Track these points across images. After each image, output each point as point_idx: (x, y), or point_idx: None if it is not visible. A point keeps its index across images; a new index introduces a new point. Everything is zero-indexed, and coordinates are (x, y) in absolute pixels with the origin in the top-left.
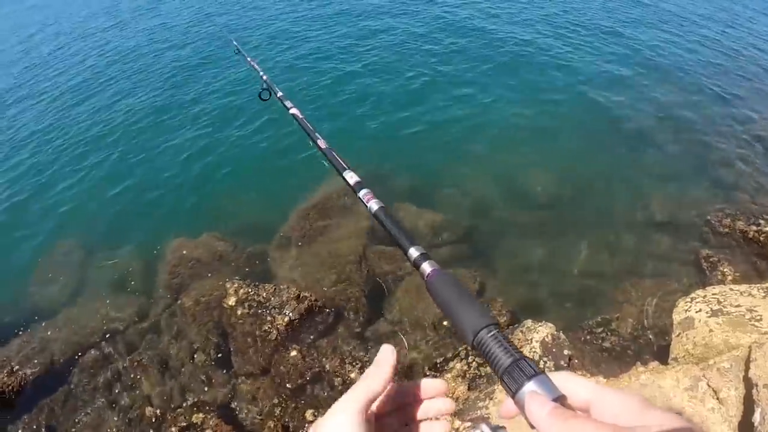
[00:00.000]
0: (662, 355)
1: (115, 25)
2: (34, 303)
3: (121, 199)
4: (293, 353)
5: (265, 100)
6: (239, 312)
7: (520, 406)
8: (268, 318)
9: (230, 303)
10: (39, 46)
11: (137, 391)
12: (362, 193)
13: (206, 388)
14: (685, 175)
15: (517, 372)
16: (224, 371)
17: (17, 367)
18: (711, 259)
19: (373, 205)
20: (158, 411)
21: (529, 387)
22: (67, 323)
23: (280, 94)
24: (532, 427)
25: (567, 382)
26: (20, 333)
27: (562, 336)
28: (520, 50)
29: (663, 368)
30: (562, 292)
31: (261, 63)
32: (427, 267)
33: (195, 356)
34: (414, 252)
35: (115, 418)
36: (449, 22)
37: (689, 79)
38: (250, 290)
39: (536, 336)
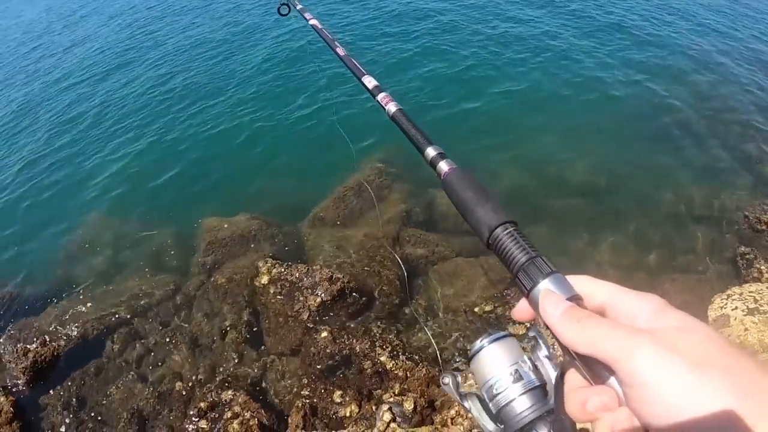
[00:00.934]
0: None
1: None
2: (68, 275)
3: (158, 175)
4: (324, 334)
5: (285, 15)
6: (271, 291)
7: (534, 305)
8: (300, 298)
9: (263, 282)
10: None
11: (168, 366)
12: (380, 96)
13: (236, 366)
14: (724, 168)
15: (533, 269)
16: (255, 349)
17: (50, 338)
18: (747, 257)
19: (391, 107)
20: (188, 386)
21: (545, 285)
22: (100, 296)
23: (299, 6)
24: (547, 327)
25: (584, 284)
26: (54, 304)
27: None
28: (559, 38)
29: None
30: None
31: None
32: (444, 165)
33: (226, 334)
34: (431, 151)
35: (145, 392)
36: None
37: (733, 71)
38: (282, 270)
39: None
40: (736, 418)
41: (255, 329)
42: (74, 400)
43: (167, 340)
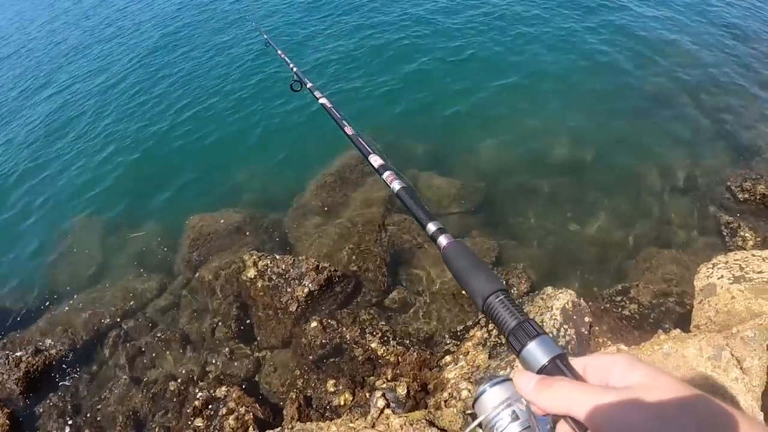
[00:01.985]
0: (684, 323)
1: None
2: (55, 281)
3: (139, 175)
4: (313, 324)
5: (297, 90)
6: (259, 284)
7: (524, 364)
8: (288, 290)
9: (249, 275)
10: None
11: (160, 367)
12: (386, 174)
13: (228, 362)
14: (704, 139)
15: (521, 333)
16: (246, 344)
17: (42, 346)
18: (731, 225)
19: (396, 185)
20: (182, 385)
21: (532, 346)
22: (89, 301)
23: (309, 85)
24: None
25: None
26: (42, 312)
27: (583, 303)
28: (535, 14)
29: (685, 336)
30: (581, 260)
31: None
32: (443, 239)
33: (216, 330)
34: (432, 227)
35: (140, 395)
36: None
37: (710, 40)
38: (269, 262)
39: (557, 303)
40: None
41: (245, 323)
42: (69, 407)
43: (158, 340)
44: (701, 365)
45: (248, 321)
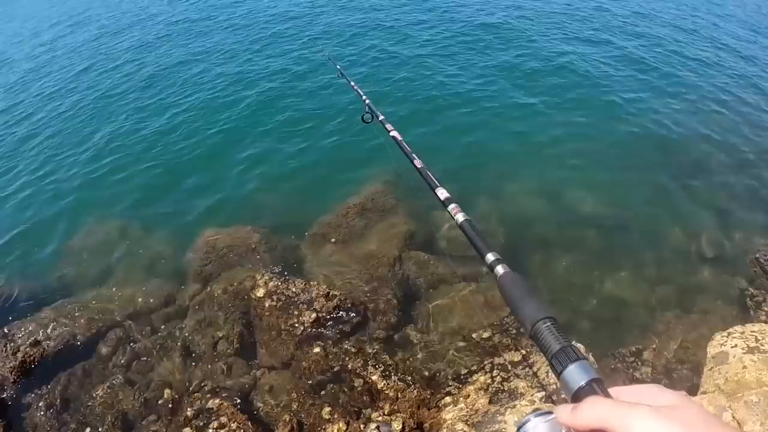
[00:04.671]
0: (692, 391)
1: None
2: (62, 279)
3: (158, 183)
4: (317, 350)
5: (368, 122)
6: (267, 304)
7: (563, 386)
8: (295, 312)
9: (259, 294)
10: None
11: (156, 374)
12: (451, 207)
13: (226, 377)
14: (736, 208)
15: (563, 356)
16: (246, 361)
17: (41, 338)
18: (756, 299)
19: (460, 217)
20: (176, 394)
21: (571, 368)
22: (94, 300)
23: (381, 117)
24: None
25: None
26: (47, 305)
27: (591, 359)
28: (577, 66)
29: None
30: (597, 316)
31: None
32: (500, 269)
33: (218, 344)
34: (491, 257)
35: (132, 397)
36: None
37: (746, 108)
38: (279, 283)
39: None
40: None
41: (247, 341)
42: (59, 401)
43: (158, 346)
44: None
45: (251, 339)
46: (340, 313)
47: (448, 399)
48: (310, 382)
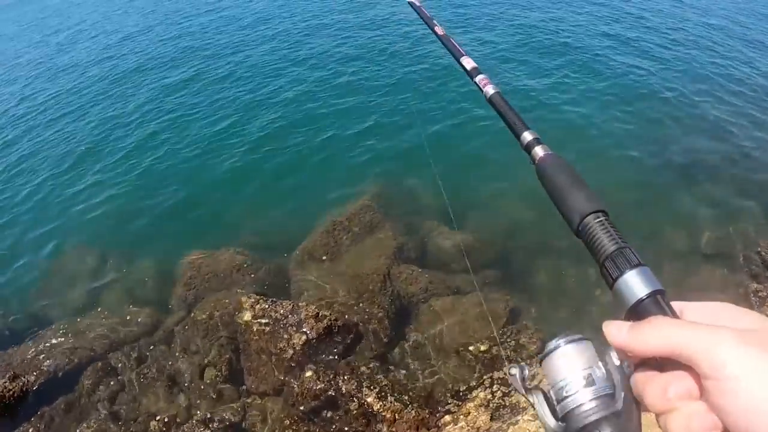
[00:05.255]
0: None
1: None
2: (43, 308)
3: (141, 206)
4: (308, 373)
5: None
6: (255, 328)
7: (618, 297)
8: (285, 336)
9: (245, 318)
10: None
11: (142, 405)
12: (479, 78)
13: (215, 405)
14: (737, 204)
15: (621, 259)
16: (235, 388)
17: (20, 372)
18: (760, 294)
19: (489, 89)
20: (163, 427)
21: (630, 276)
22: (75, 330)
23: None
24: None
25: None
26: (27, 338)
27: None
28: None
29: None
30: (598, 323)
31: None
32: (539, 150)
33: (205, 372)
34: (528, 135)
35: (117, 431)
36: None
37: (747, 103)
38: (266, 306)
39: None
40: None
41: (236, 367)
42: None
43: (143, 376)
44: None
45: (240, 365)
46: (332, 334)
47: (447, 417)
48: (302, 407)
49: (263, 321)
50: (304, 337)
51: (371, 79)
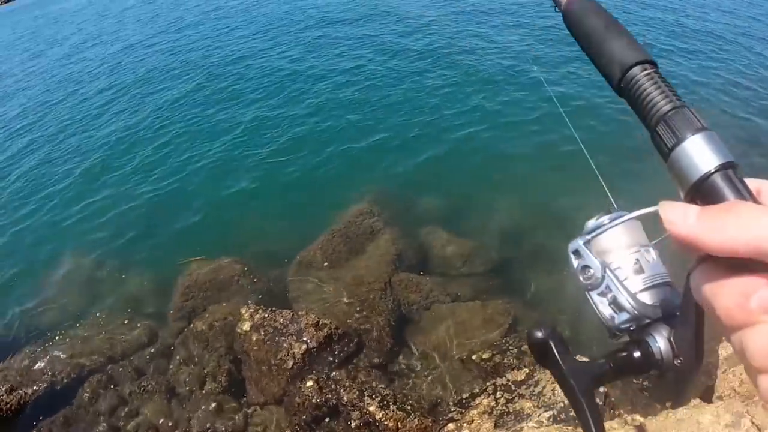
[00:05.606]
0: (708, 395)
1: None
2: (39, 319)
3: (137, 217)
4: (309, 383)
5: None
6: (254, 338)
7: (676, 169)
8: (285, 345)
9: (245, 328)
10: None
11: (142, 417)
12: None
13: (215, 418)
14: None
15: (679, 122)
16: (235, 400)
17: (17, 385)
18: None
19: None
20: None
21: (693, 142)
22: (72, 342)
23: None
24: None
25: None
26: (23, 350)
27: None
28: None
29: (703, 405)
30: (601, 327)
31: None
32: None
33: (205, 383)
34: None
35: None
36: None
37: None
38: (266, 315)
39: None
40: None
41: (236, 378)
42: None
43: (142, 389)
44: None
45: (240, 376)
46: (332, 342)
47: (451, 426)
48: (303, 417)
49: (263, 330)
50: (304, 346)
51: (372, 88)
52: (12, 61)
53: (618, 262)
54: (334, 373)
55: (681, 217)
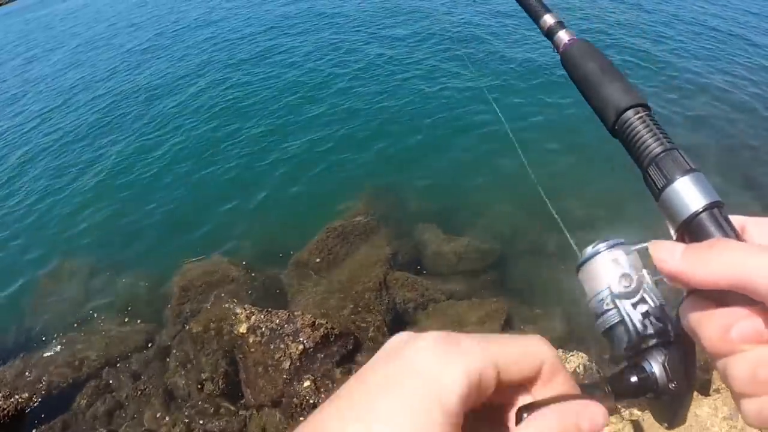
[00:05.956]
0: (705, 389)
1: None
2: (34, 324)
3: (130, 220)
4: (306, 383)
5: None
6: (251, 339)
7: (665, 209)
8: (281, 346)
9: (241, 330)
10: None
11: (141, 421)
12: None
13: (213, 420)
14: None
15: (669, 164)
16: (233, 401)
17: (14, 390)
18: None
19: None
20: None
21: (682, 184)
22: (68, 347)
23: None
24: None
25: None
26: (19, 356)
27: (595, 366)
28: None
29: (701, 398)
30: (592, 328)
31: None
32: (564, 35)
33: (203, 386)
34: (549, 19)
35: None
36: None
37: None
38: (262, 317)
39: (567, 366)
40: None
41: (233, 380)
42: None
43: (140, 393)
44: (716, 425)
45: (237, 377)
46: (329, 342)
47: None
48: (301, 419)
49: (259, 332)
50: (300, 347)
51: (367, 87)
52: (14, 62)
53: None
54: (331, 373)
55: (669, 255)
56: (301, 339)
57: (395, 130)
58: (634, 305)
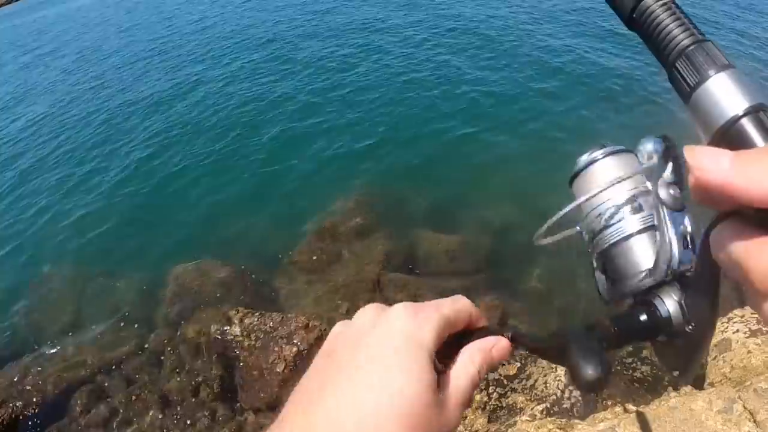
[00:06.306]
0: (699, 382)
1: None
2: (25, 331)
3: (121, 221)
4: None
5: None
6: (245, 343)
7: (697, 110)
8: (275, 349)
9: (235, 333)
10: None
11: (136, 428)
12: None
13: (209, 424)
14: None
15: (702, 58)
16: (229, 406)
17: (8, 399)
18: None
19: None
20: None
21: (718, 81)
22: (61, 354)
23: None
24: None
25: None
26: (12, 363)
27: None
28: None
29: (695, 392)
30: (590, 321)
31: None
32: None
33: (197, 390)
34: None
35: None
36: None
37: None
38: (255, 319)
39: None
40: None
41: (228, 384)
42: None
43: (135, 399)
44: (710, 419)
45: (232, 381)
46: (322, 344)
47: None
48: None
49: (253, 335)
50: (295, 349)
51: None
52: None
53: (613, 200)
54: None
55: (713, 163)
56: (295, 341)
57: (389, 131)
58: (633, 219)
